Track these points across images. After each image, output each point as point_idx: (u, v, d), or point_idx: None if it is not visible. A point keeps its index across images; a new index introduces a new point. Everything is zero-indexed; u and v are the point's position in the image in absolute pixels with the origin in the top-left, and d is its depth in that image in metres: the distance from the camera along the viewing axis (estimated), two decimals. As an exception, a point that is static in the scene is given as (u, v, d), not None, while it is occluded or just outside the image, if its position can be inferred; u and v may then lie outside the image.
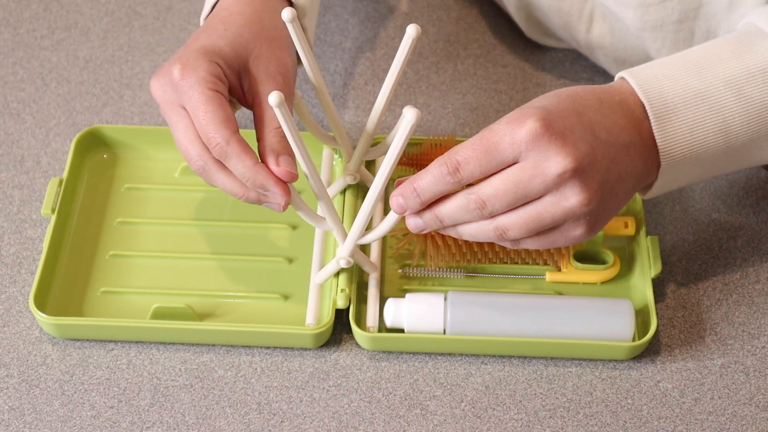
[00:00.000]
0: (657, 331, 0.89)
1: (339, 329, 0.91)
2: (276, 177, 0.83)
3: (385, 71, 1.09)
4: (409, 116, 0.78)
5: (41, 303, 0.89)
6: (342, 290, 0.90)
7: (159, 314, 0.89)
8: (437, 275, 0.93)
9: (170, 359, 0.89)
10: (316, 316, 0.90)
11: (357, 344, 0.90)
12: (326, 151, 1.00)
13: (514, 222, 0.80)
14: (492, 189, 0.79)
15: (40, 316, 0.87)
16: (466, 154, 0.79)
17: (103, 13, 1.14)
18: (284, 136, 0.84)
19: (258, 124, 0.86)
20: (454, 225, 0.82)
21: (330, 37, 1.12)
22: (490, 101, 1.07)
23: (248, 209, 0.97)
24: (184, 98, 0.84)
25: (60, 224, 0.94)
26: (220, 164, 0.84)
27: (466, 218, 0.81)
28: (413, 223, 0.83)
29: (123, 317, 0.90)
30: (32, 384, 0.88)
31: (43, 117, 1.05)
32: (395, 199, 0.81)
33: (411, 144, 0.99)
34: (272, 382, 0.88)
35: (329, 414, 0.87)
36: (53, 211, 0.94)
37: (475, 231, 0.81)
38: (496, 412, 0.87)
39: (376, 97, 1.03)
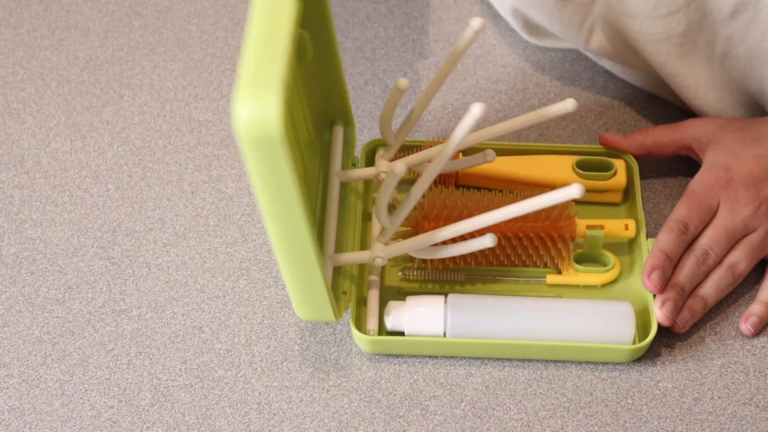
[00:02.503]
0: (657, 332, 0.89)
1: (340, 330, 0.91)
2: None
3: (386, 71, 1.09)
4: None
5: None
6: (343, 292, 0.90)
7: None
8: (437, 278, 0.93)
9: (170, 359, 0.89)
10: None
11: (357, 344, 0.90)
12: (338, 128, 0.99)
13: (740, 256, 0.91)
14: (708, 239, 0.91)
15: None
16: (686, 213, 0.92)
17: (103, 13, 1.14)
18: None
19: None
20: (694, 291, 0.91)
21: (330, 37, 1.12)
22: (490, 101, 1.07)
23: None
24: None
25: None
26: None
27: (699, 273, 0.91)
28: (681, 318, 0.90)
29: None
30: (32, 384, 0.88)
31: (43, 117, 1.05)
32: (652, 276, 0.89)
33: (411, 146, 0.99)
34: (272, 382, 0.88)
35: (329, 414, 0.87)
36: None
37: (715, 282, 0.91)
38: (496, 412, 0.87)
39: (376, 98, 1.03)
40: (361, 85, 1.08)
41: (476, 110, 0.78)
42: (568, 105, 0.88)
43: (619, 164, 0.98)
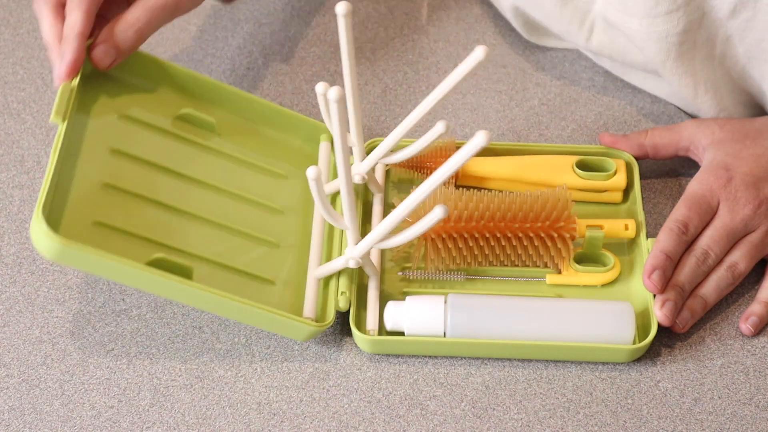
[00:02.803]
0: (657, 332, 0.89)
1: (340, 330, 0.91)
2: (75, 54, 0.89)
3: (385, 71, 1.09)
4: (478, 139, 0.78)
5: (54, 220, 0.83)
6: (342, 293, 0.90)
7: (158, 265, 0.85)
8: (437, 278, 0.93)
9: (170, 359, 0.89)
10: (314, 310, 0.89)
11: (357, 344, 0.90)
12: (324, 144, 1.00)
13: (740, 256, 0.91)
14: (708, 239, 0.91)
15: (50, 237, 0.81)
16: (686, 213, 0.91)
17: (103, 12, 1.14)
18: (125, 31, 0.91)
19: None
20: (694, 291, 0.91)
21: (330, 37, 1.12)
22: (490, 101, 1.07)
23: (240, 177, 0.95)
24: None
25: (68, 136, 0.87)
26: (59, 10, 0.91)
27: (699, 273, 0.91)
28: (682, 318, 0.90)
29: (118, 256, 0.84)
30: (32, 384, 0.88)
31: (43, 117, 1.05)
32: (653, 276, 0.89)
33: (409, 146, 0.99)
34: (272, 382, 0.88)
35: (329, 414, 0.87)
36: (64, 119, 0.87)
37: (715, 282, 0.91)
38: (496, 412, 0.87)
39: (376, 98, 1.03)
40: (361, 85, 1.08)
41: (321, 90, 0.79)
42: (478, 54, 0.87)
43: (619, 164, 0.98)
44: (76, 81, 0.89)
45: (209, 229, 0.92)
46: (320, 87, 0.88)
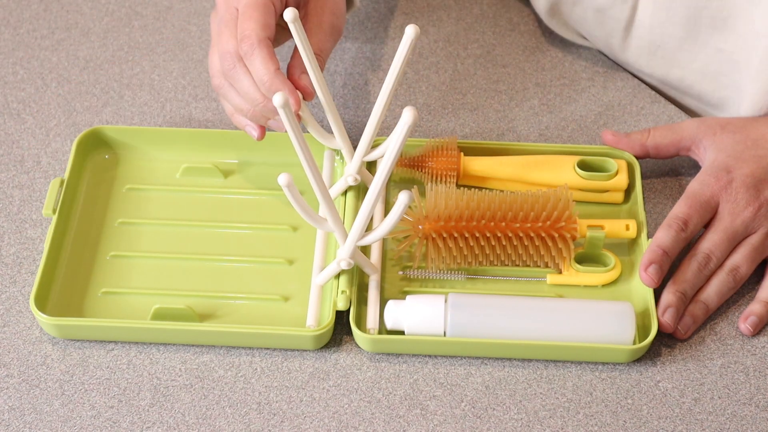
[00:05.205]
0: (657, 332, 0.89)
1: (339, 330, 0.91)
2: (292, 86, 0.88)
3: (385, 71, 1.09)
4: (405, 117, 0.79)
5: (42, 303, 0.89)
6: (342, 292, 0.90)
7: (159, 315, 0.89)
8: (438, 277, 0.93)
9: (170, 359, 0.89)
10: (316, 317, 0.90)
11: (357, 344, 0.90)
12: (327, 152, 1.00)
13: (741, 259, 0.91)
14: (709, 242, 0.91)
15: (41, 317, 0.88)
16: (686, 210, 0.91)
17: (103, 13, 1.14)
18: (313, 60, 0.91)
19: (294, 52, 0.92)
20: (695, 296, 0.91)
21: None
22: (490, 101, 1.07)
23: (249, 210, 0.97)
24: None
25: (61, 224, 0.94)
26: (245, 69, 0.88)
27: (701, 278, 0.91)
28: (683, 325, 0.90)
29: (124, 318, 0.90)
30: (32, 384, 0.88)
31: (43, 117, 1.05)
32: (649, 270, 0.90)
33: (412, 145, 0.99)
34: (272, 382, 0.88)
35: (329, 414, 0.87)
36: (54, 211, 0.94)
37: (717, 287, 0.91)
38: (496, 412, 0.87)
39: (376, 97, 1.03)
40: (362, 85, 1.08)
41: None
42: (409, 32, 0.87)
43: (620, 164, 0.98)
44: (66, 175, 0.96)
45: (218, 264, 0.94)
46: (277, 98, 0.82)
